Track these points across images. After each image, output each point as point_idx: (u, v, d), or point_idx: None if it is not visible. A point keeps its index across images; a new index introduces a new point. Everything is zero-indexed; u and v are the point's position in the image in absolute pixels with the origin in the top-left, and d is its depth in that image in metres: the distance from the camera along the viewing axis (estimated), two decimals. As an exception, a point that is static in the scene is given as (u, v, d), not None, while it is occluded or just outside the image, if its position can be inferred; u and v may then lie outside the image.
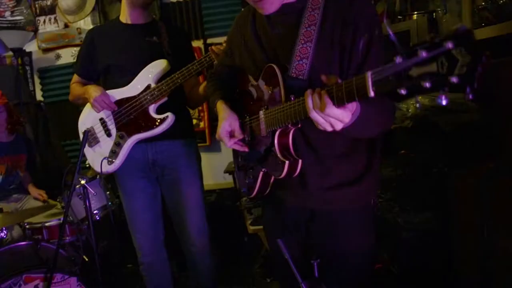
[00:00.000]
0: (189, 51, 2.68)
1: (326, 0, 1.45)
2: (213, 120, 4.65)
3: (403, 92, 0.94)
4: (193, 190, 2.60)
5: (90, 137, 2.52)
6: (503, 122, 2.27)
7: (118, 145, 2.48)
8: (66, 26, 4.74)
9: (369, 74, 1.00)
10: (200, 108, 4.57)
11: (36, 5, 4.74)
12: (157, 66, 2.43)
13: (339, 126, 1.20)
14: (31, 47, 4.78)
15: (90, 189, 2.27)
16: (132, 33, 2.53)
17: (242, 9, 1.80)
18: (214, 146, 4.70)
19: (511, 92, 2.15)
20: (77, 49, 4.67)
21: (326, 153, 1.55)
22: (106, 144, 2.51)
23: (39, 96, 4.86)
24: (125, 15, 2.56)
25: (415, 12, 3.54)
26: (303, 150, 1.54)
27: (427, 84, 0.89)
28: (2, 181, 3.62)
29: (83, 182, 2.22)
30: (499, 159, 2.23)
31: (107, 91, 2.46)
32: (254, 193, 1.70)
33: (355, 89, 1.05)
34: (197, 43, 4.46)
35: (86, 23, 4.70)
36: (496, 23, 2.36)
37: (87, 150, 2.57)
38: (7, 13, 4.66)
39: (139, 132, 2.45)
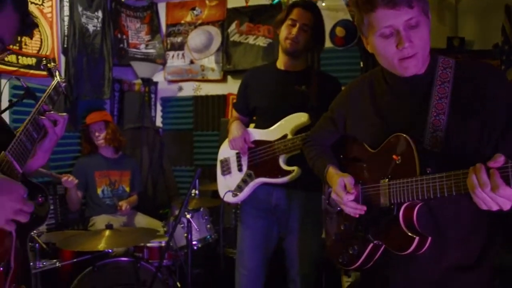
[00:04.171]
0: None
1: (455, 73, 1.44)
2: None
3: None
4: (310, 242, 2.51)
5: (225, 167, 2.68)
6: None
7: (245, 182, 2.57)
8: (191, 62, 5.10)
9: None
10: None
11: (168, 41, 5.19)
12: (298, 119, 2.43)
13: (507, 206, 1.16)
14: (158, 77, 5.17)
15: (194, 225, 2.38)
16: (282, 79, 2.58)
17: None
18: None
19: None
20: (198, 84, 5.07)
21: (448, 234, 1.44)
22: (235, 177, 2.62)
23: (158, 122, 5.23)
24: (280, 61, 2.63)
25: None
26: (425, 227, 1.43)
27: None
28: (108, 193, 3.91)
29: (188, 216, 2.33)
30: None
31: (251, 129, 2.61)
32: (356, 265, 1.59)
33: None
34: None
35: (209, 61, 5.03)
36: None
37: (219, 177, 2.72)
38: (142, 46, 5.15)
39: (264, 176, 2.50)
